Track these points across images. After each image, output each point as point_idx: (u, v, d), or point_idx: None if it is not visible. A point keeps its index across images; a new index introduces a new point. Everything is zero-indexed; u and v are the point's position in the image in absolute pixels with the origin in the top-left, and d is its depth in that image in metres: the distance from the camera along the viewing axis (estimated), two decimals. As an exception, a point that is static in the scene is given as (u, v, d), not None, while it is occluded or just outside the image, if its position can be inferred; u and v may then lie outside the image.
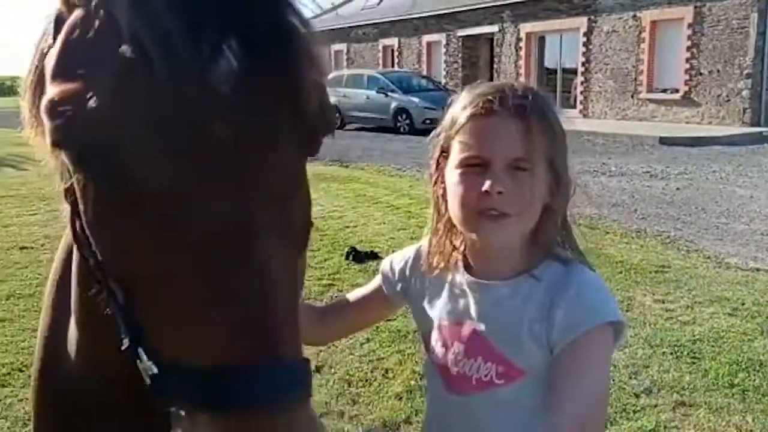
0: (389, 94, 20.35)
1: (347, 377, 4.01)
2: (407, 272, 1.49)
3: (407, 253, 1.52)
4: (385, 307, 1.60)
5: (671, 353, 4.23)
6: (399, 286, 1.50)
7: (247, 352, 0.74)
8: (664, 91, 20.60)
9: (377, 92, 20.55)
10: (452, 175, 1.29)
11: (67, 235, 1.18)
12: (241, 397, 0.73)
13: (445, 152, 1.34)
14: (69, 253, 1.18)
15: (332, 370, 4.12)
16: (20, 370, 4.14)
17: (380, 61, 31.66)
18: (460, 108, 1.31)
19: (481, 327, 1.32)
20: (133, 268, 0.79)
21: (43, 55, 0.96)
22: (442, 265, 1.39)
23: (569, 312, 1.24)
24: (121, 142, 0.74)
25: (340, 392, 3.83)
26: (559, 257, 1.32)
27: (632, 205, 9.16)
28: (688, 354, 4.21)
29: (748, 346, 4.32)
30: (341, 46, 34.68)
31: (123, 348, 0.82)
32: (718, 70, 19.15)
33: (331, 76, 23.05)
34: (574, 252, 1.37)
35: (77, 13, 0.81)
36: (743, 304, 5.08)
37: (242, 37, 0.76)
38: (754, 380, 3.83)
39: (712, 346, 4.32)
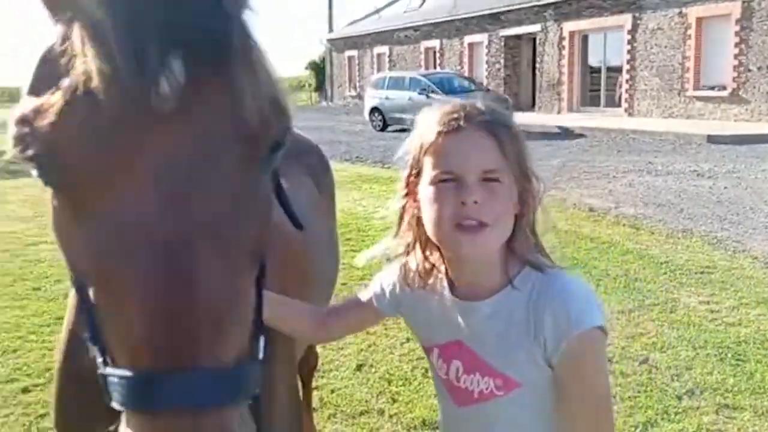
0: (431, 95, 20.35)
1: (387, 376, 4.08)
2: (397, 292, 1.52)
3: (393, 273, 1.53)
4: (380, 319, 1.67)
5: (715, 355, 4.18)
6: (391, 306, 1.55)
7: (164, 358, 0.77)
8: (712, 88, 20.13)
9: (419, 94, 20.56)
10: (426, 191, 1.32)
11: None
12: (155, 399, 0.78)
13: (415, 170, 1.37)
14: None
15: (373, 369, 4.19)
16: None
17: (422, 63, 31.67)
18: (427, 127, 1.35)
19: (473, 345, 1.37)
20: (81, 271, 0.85)
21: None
22: (424, 284, 1.44)
23: (556, 321, 1.28)
24: (66, 156, 0.79)
25: (381, 391, 3.90)
26: (535, 265, 1.35)
27: (678, 204, 9.01)
28: (732, 356, 4.16)
29: (795, 348, 4.24)
30: (384, 49, 34.82)
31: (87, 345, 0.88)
32: (768, 66, 18.66)
33: (373, 78, 23.25)
34: (545, 257, 1.38)
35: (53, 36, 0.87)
36: (791, 305, 4.98)
37: (183, 52, 0.78)
38: (802, 383, 3.77)
39: (758, 348, 4.25)
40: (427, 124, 1.35)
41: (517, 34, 26.93)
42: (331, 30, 41.87)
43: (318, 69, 42.95)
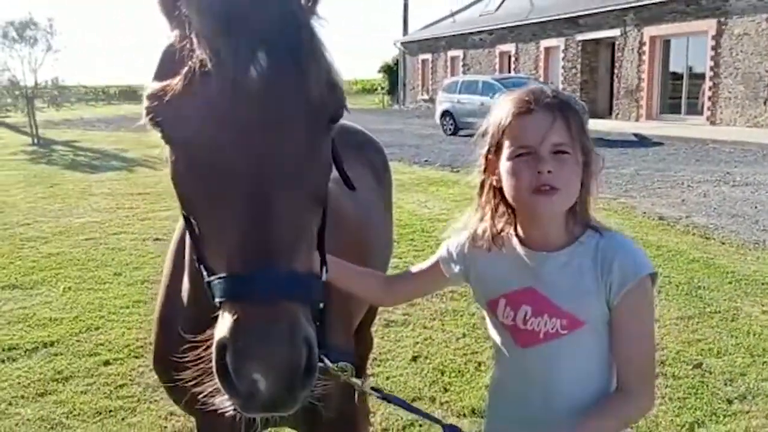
0: (493, 101, 20.34)
1: (441, 367, 4.23)
2: (465, 255, 1.76)
3: (461, 239, 1.78)
4: (442, 283, 1.91)
5: (773, 363, 4.14)
6: (458, 268, 1.78)
7: (254, 261, 1.08)
8: (801, 97, 19.30)
9: (492, 98, 20.52)
10: (506, 165, 1.57)
11: None
12: (244, 292, 1.08)
13: (494, 148, 1.62)
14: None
15: (428, 360, 4.35)
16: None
17: (497, 67, 31.55)
18: (503, 111, 1.59)
19: (546, 289, 1.60)
20: (192, 208, 1.17)
21: None
22: (495, 244, 1.67)
23: (622, 268, 1.53)
24: (186, 123, 1.11)
25: (434, 380, 4.05)
26: (594, 227, 1.61)
27: (754, 216, 8.75)
28: (791, 365, 4.11)
29: None
30: (458, 53, 34.86)
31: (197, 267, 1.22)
32: None
33: (446, 82, 23.41)
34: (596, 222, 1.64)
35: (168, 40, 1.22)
36: None
37: (267, 49, 1.11)
38: None
39: (819, 359, 4.18)
40: (504, 108, 1.59)
41: (596, 39, 26.48)
42: (405, 33, 42.16)
43: (391, 72, 43.27)
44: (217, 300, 1.13)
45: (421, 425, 3.56)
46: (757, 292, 5.52)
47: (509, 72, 29.57)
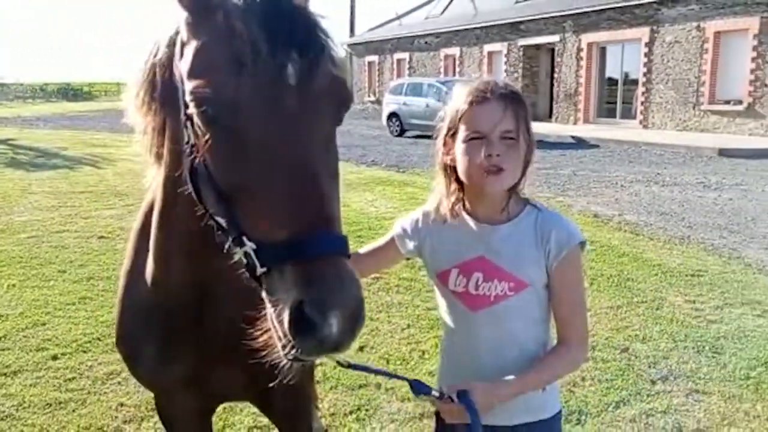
0: (451, 90, 20.63)
1: (387, 356, 4.40)
2: (419, 231, 1.97)
3: (415, 216, 1.99)
4: (397, 259, 2.10)
5: (693, 347, 4.47)
6: (412, 244, 1.99)
7: (315, 225, 1.25)
8: (727, 102, 20.26)
9: (437, 100, 20.85)
10: (461, 147, 1.79)
11: (152, 192, 1.74)
12: (311, 251, 1.23)
13: (451, 131, 1.84)
14: (149, 210, 1.77)
15: (374, 350, 4.52)
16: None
17: (442, 70, 32.00)
18: (461, 99, 1.82)
19: (494, 257, 1.83)
20: (239, 184, 1.31)
21: (154, 65, 1.59)
22: (450, 217, 1.90)
23: (558, 237, 1.80)
24: (231, 110, 1.29)
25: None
26: (532, 204, 1.87)
27: (681, 213, 9.24)
28: (709, 349, 4.44)
29: (771, 344, 4.51)
30: (404, 55, 35.20)
31: (230, 241, 1.36)
32: (785, 82, 18.77)
33: (393, 84, 23.50)
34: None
35: (197, 42, 1.39)
36: (774, 307, 5.24)
37: (297, 51, 1.32)
38: (770, 374, 4.04)
39: (735, 343, 4.53)
40: (461, 96, 1.81)
41: (536, 44, 27.19)
42: (352, 34, 42.30)
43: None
44: (271, 266, 1.28)
45: (367, 409, 3.73)
46: (681, 283, 5.90)
47: (454, 75, 30.04)
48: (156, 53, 1.60)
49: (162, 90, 1.59)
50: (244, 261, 1.33)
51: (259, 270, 1.29)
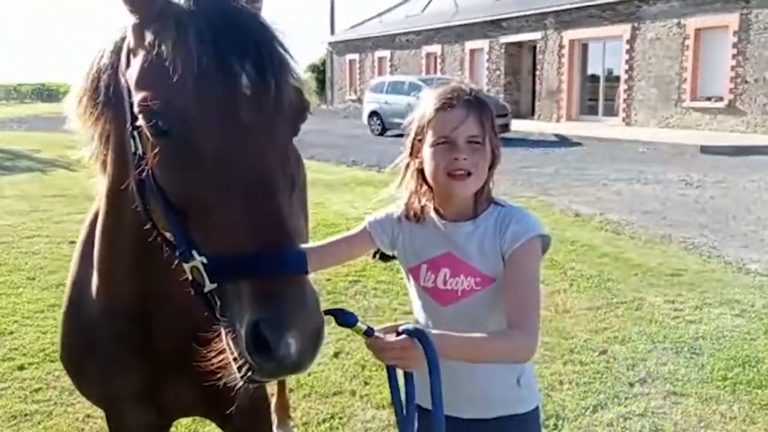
0: (419, 96, 20.62)
1: (362, 362, 4.31)
2: (393, 228, 1.99)
3: (388, 212, 2.00)
4: (369, 248, 2.09)
5: (672, 349, 4.43)
6: (385, 237, 2.00)
7: (272, 242, 1.21)
8: (709, 99, 20.37)
9: (418, 99, 20.77)
10: (428, 151, 1.83)
11: (96, 203, 1.66)
12: (269, 269, 1.19)
13: (419, 136, 1.87)
14: (94, 220, 1.68)
15: (349, 356, 4.43)
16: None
17: (423, 68, 31.94)
18: (428, 104, 1.85)
19: (460, 253, 1.87)
20: (191, 197, 1.26)
21: (99, 71, 1.53)
22: (418, 218, 1.92)
23: (514, 229, 1.82)
24: (182, 123, 1.24)
25: (354, 375, 4.14)
26: (496, 202, 1.91)
27: (662, 212, 9.24)
28: (688, 350, 4.41)
29: (749, 344, 4.49)
30: (385, 53, 35.12)
31: (178, 255, 1.29)
32: (765, 78, 18.88)
33: (373, 82, 23.48)
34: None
35: (144, 51, 1.32)
36: (753, 306, 5.22)
37: (250, 61, 1.28)
38: (748, 375, 4.01)
39: (713, 344, 4.50)
40: (428, 102, 1.85)
41: (518, 42, 27.21)
42: (332, 33, 42.15)
43: (319, 72, 43.13)
44: (223, 281, 1.22)
45: (341, 417, 3.64)
46: (661, 283, 5.87)
47: (435, 73, 29.99)
48: (101, 59, 1.54)
49: (105, 97, 1.53)
50: (190, 277, 1.28)
51: (208, 286, 1.23)
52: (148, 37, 1.31)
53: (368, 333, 1.51)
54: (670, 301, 5.38)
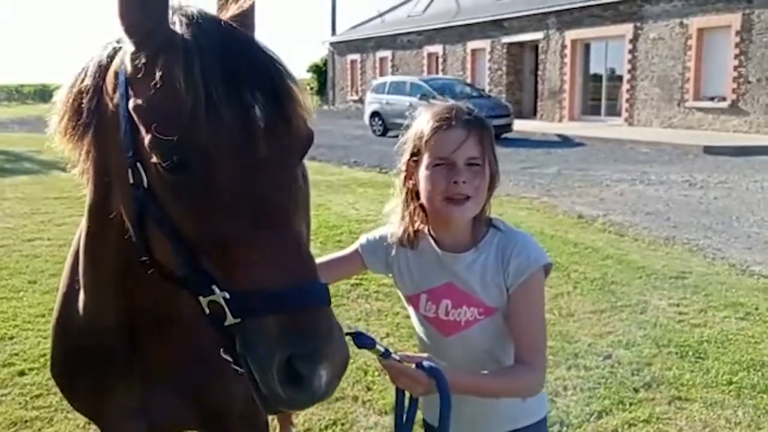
0: (431, 101, 20.58)
1: (365, 367, 4.28)
2: (387, 251, 1.92)
3: (383, 234, 1.92)
4: (359, 271, 2.07)
5: (676, 353, 4.40)
6: (381, 263, 1.95)
7: (299, 276, 1.21)
8: (712, 99, 20.31)
9: (420, 99, 20.74)
10: (424, 173, 1.73)
11: (84, 219, 1.65)
12: (298, 303, 1.18)
13: (414, 156, 1.78)
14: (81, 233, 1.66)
15: (351, 361, 4.36)
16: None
17: (425, 68, 31.90)
18: (424, 124, 1.76)
19: (461, 284, 1.80)
20: (208, 233, 1.23)
21: (81, 92, 1.49)
22: (414, 244, 1.83)
23: (517, 261, 1.75)
24: (199, 158, 1.22)
25: (357, 380, 4.11)
26: (495, 226, 1.82)
27: (666, 213, 9.20)
28: (693, 354, 4.37)
29: (753, 348, 4.45)
30: (386, 53, 35.09)
31: (193, 289, 1.27)
32: (767, 78, 18.83)
33: (375, 82, 23.46)
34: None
35: (151, 84, 1.26)
36: (757, 309, 5.19)
37: (264, 93, 1.26)
38: (753, 379, 3.98)
39: (718, 348, 4.46)
40: (425, 121, 1.77)
41: (520, 42, 27.16)
42: (334, 33, 42.10)
43: (320, 72, 43.09)
44: (248, 316, 1.20)
45: (343, 423, 3.62)
46: (666, 285, 5.83)
47: (437, 73, 29.96)
48: (83, 79, 1.50)
49: (87, 119, 1.49)
50: (207, 311, 1.25)
51: (230, 320, 1.21)
52: (156, 69, 1.26)
53: (385, 355, 1.59)
54: (674, 304, 5.34)
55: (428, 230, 1.84)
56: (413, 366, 1.58)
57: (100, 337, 1.70)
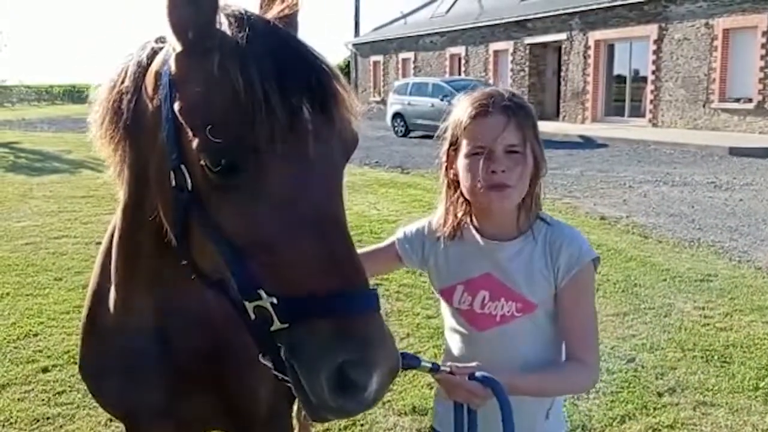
0: (453, 102, 20.53)
1: (385, 368, 4.27)
2: (424, 243, 1.90)
3: (420, 227, 1.90)
4: (395, 266, 2.03)
5: (701, 357, 4.33)
6: (417, 255, 1.90)
7: (351, 281, 1.19)
8: (737, 100, 20.00)
9: (441, 100, 20.68)
10: (463, 162, 1.70)
11: (116, 217, 1.64)
12: (352, 308, 1.16)
13: (453, 145, 1.75)
14: (114, 232, 1.66)
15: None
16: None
17: (447, 70, 31.83)
18: (462, 111, 1.72)
19: (502, 275, 1.74)
20: (258, 236, 1.20)
21: (121, 93, 1.46)
22: (455, 233, 1.79)
23: (569, 255, 1.70)
24: (254, 161, 1.20)
25: (376, 380, 4.09)
26: (542, 218, 1.76)
27: (691, 215, 9.07)
28: (718, 358, 4.30)
29: (781, 353, 4.36)
30: (409, 55, 35.06)
31: (238, 294, 1.23)
32: (795, 79, 18.52)
33: (397, 84, 23.45)
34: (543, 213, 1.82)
35: (201, 86, 1.25)
36: (784, 313, 5.09)
37: (317, 96, 1.25)
38: (780, 384, 3.90)
39: (744, 352, 4.38)
40: (463, 108, 1.72)
41: (543, 42, 26.98)
42: (356, 34, 42.15)
43: (343, 73, 42.90)
44: (298, 320, 1.18)
45: (362, 424, 3.60)
46: (690, 288, 5.74)
47: (459, 74, 29.88)
48: (122, 80, 1.48)
49: (127, 119, 1.46)
50: (252, 316, 1.21)
51: (276, 325, 1.18)
52: (208, 70, 1.24)
53: (435, 369, 1.56)
54: (699, 307, 5.26)
55: (470, 220, 1.80)
56: (466, 377, 1.55)
57: (130, 336, 1.70)
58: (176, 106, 1.27)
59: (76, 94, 52.51)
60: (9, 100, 23.08)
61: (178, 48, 1.29)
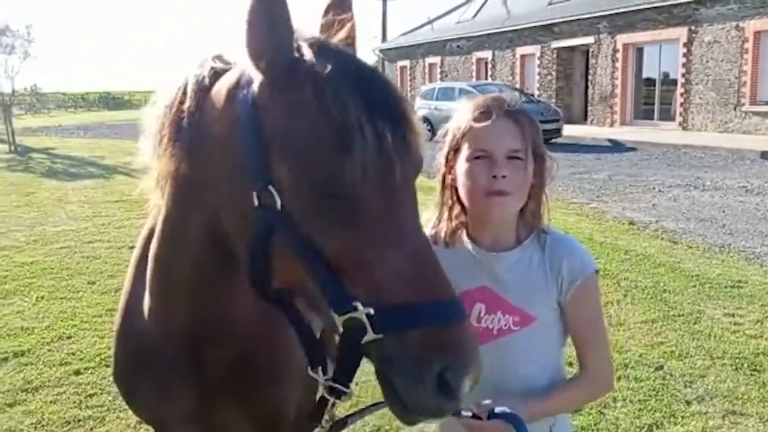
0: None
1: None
2: None
3: None
4: None
5: (731, 365, 4.27)
6: None
7: (440, 292, 1.27)
8: (769, 103, 19.67)
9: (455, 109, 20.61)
10: (463, 166, 1.68)
11: (152, 219, 1.68)
12: (449, 318, 1.24)
13: (453, 149, 1.72)
14: (149, 238, 1.68)
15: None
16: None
17: (474, 74, 31.76)
18: (464, 115, 1.70)
19: (498, 288, 1.71)
20: (352, 253, 1.26)
21: (182, 112, 1.48)
22: (451, 242, 1.76)
23: (570, 267, 1.68)
24: (345, 183, 1.25)
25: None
26: (541, 228, 1.73)
27: (721, 220, 8.94)
28: (748, 366, 4.24)
29: (813, 361, 4.29)
30: (435, 59, 35.05)
31: (332, 308, 1.28)
32: (829, 81, 18.15)
33: (424, 88, 23.38)
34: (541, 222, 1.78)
35: (293, 116, 1.30)
36: (817, 321, 5.00)
37: (398, 124, 1.31)
38: (812, 394, 3.83)
39: (775, 361, 4.31)
40: (465, 112, 1.70)
41: (570, 46, 26.79)
42: (384, 40, 42.28)
43: (370, 79, 43.22)
44: (394, 331, 1.23)
45: (387, 430, 3.62)
46: (720, 295, 5.66)
47: (486, 79, 29.78)
48: (182, 99, 1.49)
49: (187, 138, 1.47)
50: (341, 329, 1.27)
51: (370, 336, 1.24)
52: (301, 97, 1.29)
53: (456, 414, 1.55)
54: (729, 314, 5.19)
55: (466, 230, 1.77)
56: (486, 416, 1.55)
57: (164, 343, 1.72)
58: (266, 130, 1.31)
59: (111, 101, 53.52)
60: (46, 107, 23.61)
61: (259, 75, 1.32)
